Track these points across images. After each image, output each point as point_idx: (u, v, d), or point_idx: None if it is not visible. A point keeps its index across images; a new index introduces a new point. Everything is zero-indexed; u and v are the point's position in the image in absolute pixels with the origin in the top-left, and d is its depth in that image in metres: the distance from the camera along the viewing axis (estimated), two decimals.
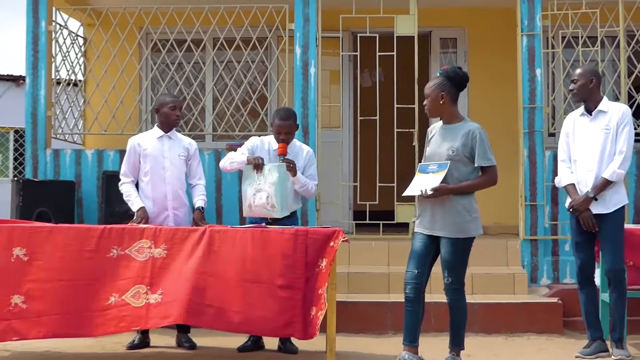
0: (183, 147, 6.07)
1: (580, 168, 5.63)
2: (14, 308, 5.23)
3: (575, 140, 5.71)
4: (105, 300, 5.22)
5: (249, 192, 5.62)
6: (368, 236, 7.59)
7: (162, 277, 5.24)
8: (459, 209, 5.00)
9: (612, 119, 5.56)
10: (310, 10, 7.53)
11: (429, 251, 5.11)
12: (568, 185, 5.70)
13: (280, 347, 5.88)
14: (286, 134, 5.80)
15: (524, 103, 7.34)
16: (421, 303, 5.11)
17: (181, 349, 5.96)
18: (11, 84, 15.77)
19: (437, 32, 9.40)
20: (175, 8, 7.72)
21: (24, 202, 6.91)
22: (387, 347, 5.93)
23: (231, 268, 5.21)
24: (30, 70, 7.79)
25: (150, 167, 5.96)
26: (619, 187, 5.58)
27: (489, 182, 5.09)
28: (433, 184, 4.97)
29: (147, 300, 5.20)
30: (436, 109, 5.14)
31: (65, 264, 5.27)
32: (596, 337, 5.63)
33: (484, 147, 5.02)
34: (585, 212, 5.53)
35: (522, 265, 7.22)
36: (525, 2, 7.39)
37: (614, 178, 5.49)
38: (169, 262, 5.27)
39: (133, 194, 5.94)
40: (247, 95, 8.17)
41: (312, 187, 5.93)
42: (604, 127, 5.56)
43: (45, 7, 7.78)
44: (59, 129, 7.98)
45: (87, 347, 5.96)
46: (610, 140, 5.54)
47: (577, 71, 5.70)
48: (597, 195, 5.50)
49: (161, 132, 6.04)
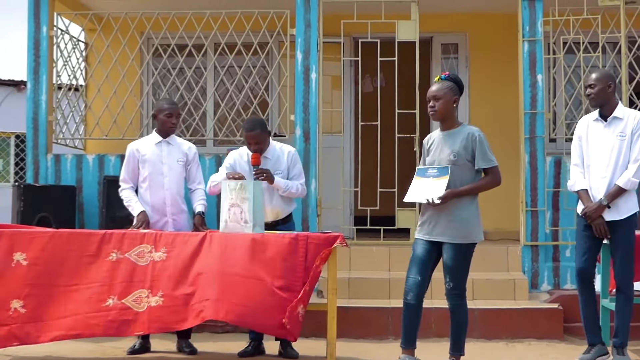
0: (182, 152, 6.04)
1: (594, 174, 5.55)
2: (13, 313, 5.22)
3: (589, 146, 5.62)
4: (103, 302, 5.21)
5: (225, 207, 5.49)
6: (369, 241, 7.59)
7: (162, 279, 5.24)
8: (462, 214, 5.00)
9: (627, 126, 5.47)
10: (311, 16, 7.54)
11: (430, 257, 5.11)
12: (581, 191, 5.61)
13: (280, 352, 5.86)
14: (256, 143, 5.73)
15: (525, 109, 7.34)
16: (420, 308, 5.11)
17: (182, 354, 5.95)
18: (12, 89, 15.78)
19: (438, 37, 9.40)
20: (176, 13, 7.73)
21: (25, 207, 6.91)
22: (387, 352, 5.92)
23: (231, 267, 5.20)
24: (31, 75, 7.80)
25: (149, 173, 5.94)
26: (632, 194, 5.51)
27: (493, 182, 5.09)
28: (438, 191, 4.96)
29: (149, 304, 5.19)
30: (447, 112, 5.12)
31: (65, 270, 5.28)
32: (595, 342, 5.61)
33: (484, 149, 5.01)
34: (598, 220, 5.46)
35: (522, 271, 7.22)
36: (526, 7, 7.40)
37: (629, 186, 5.42)
38: (168, 264, 5.27)
39: (133, 199, 5.93)
40: (248, 100, 8.17)
41: (296, 188, 5.87)
42: (619, 134, 5.47)
43: (47, 12, 7.80)
44: (60, 134, 7.99)
45: (88, 352, 5.95)
46: (625, 147, 5.45)
47: (594, 76, 5.58)
48: (610, 202, 5.44)
49: (159, 137, 6.03)
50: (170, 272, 5.25)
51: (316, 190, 7.42)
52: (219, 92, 8.50)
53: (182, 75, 8.09)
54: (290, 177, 5.88)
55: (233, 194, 5.40)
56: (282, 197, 5.84)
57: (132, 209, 5.91)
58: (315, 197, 7.40)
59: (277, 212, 5.89)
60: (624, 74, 7.37)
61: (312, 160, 7.44)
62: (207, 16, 7.70)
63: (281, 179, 5.79)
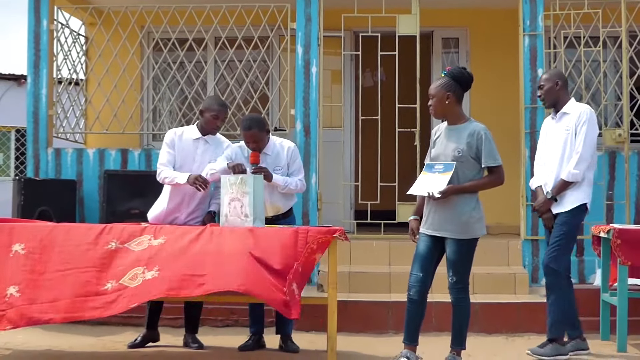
0: (217, 154, 5.86)
1: (548, 170, 5.72)
2: (9, 298, 5.16)
3: (544, 143, 5.84)
4: (101, 286, 5.10)
5: (225, 201, 5.44)
6: (369, 236, 7.59)
7: (159, 257, 5.12)
8: (464, 209, 5.00)
9: (571, 120, 5.61)
10: (312, 10, 7.53)
11: (433, 253, 5.12)
12: (537, 188, 5.79)
13: (281, 346, 5.87)
14: (254, 142, 5.66)
15: (525, 103, 7.34)
16: (424, 304, 5.13)
17: (183, 348, 5.95)
18: (13, 83, 15.75)
19: (439, 31, 9.38)
20: (177, 7, 7.73)
21: (26, 201, 6.91)
22: (388, 346, 5.92)
23: (230, 246, 5.11)
24: (31, 70, 7.80)
25: (178, 167, 5.81)
26: (579, 187, 5.58)
27: (496, 181, 5.10)
28: (440, 185, 4.97)
29: (144, 278, 5.05)
30: (441, 110, 5.13)
31: (62, 257, 5.21)
32: (575, 335, 5.71)
33: (490, 147, 5.01)
34: (547, 213, 5.63)
35: (523, 265, 7.23)
36: (527, 2, 7.39)
37: (570, 178, 5.54)
38: (166, 245, 5.17)
39: (174, 173, 5.71)
40: (248, 94, 8.17)
41: (295, 184, 5.83)
42: (565, 128, 5.63)
43: (47, 6, 7.79)
44: (60, 128, 7.99)
45: (88, 346, 5.96)
46: (570, 141, 5.59)
47: (543, 76, 5.78)
48: (556, 196, 5.57)
49: (199, 134, 5.88)
50: (169, 251, 5.14)
51: (317, 184, 7.42)
52: (219, 86, 8.50)
53: (183, 70, 8.09)
54: (289, 173, 5.87)
55: (233, 188, 5.38)
56: (281, 193, 5.83)
57: (179, 179, 5.67)
58: (316, 192, 7.40)
59: (278, 208, 5.87)
60: (625, 69, 7.37)
61: (312, 155, 7.44)
62: (208, 10, 7.70)
63: (279, 176, 5.75)
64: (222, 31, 7.70)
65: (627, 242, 5.79)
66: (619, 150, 7.35)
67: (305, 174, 6.08)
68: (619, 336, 5.89)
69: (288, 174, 5.85)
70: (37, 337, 6.12)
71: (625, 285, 5.90)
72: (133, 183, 7.20)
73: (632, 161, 7.33)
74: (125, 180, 7.29)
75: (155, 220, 5.82)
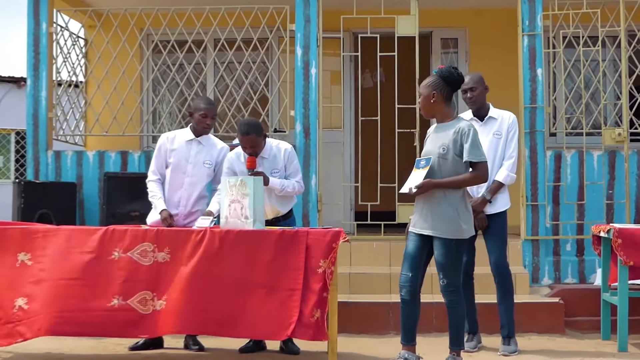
0: (211, 154, 5.90)
1: None
2: (18, 311, 5.24)
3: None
4: (107, 302, 5.22)
5: (225, 203, 5.46)
6: (369, 237, 7.59)
7: (166, 283, 5.25)
8: (447, 207, 4.98)
9: (502, 125, 5.84)
10: (311, 11, 7.54)
11: (422, 252, 5.10)
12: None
13: (282, 348, 5.87)
14: (251, 147, 5.64)
15: (525, 103, 7.34)
16: (417, 304, 5.12)
17: (184, 350, 5.95)
18: (12, 85, 15.77)
19: (438, 32, 9.39)
20: (176, 9, 7.73)
21: (26, 204, 6.92)
22: (388, 347, 5.92)
23: (231, 271, 5.22)
24: (31, 72, 7.81)
25: (172, 168, 5.86)
26: (505, 191, 5.85)
27: (477, 178, 5.05)
28: (417, 180, 5.00)
29: (154, 307, 5.22)
30: (428, 108, 5.14)
31: (66, 265, 5.27)
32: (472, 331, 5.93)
33: (473, 143, 4.97)
34: (481, 214, 5.77)
35: (523, 265, 7.22)
36: (526, 2, 7.39)
37: (507, 181, 5.78)
38: (172, 266, 5.28)
39: (157, 194, 5.83)
40: (248, 96, 8.18)
41: (292, 187, 5.81)
42: (495, 133, 5.84)
43: (46, 8, 7.80)
44: (60, 131, 7.99)
45: (89, 349, 5.96)
46: (502, 145, 5.81)
47: (471, 79, 5.88)
48: (491, 197, 5.75)
49: (192, 135, 5.91)
50: (174, 277, 5.25)
51: (317, 185, 7.42)
52: (218, 88, 8.50)
53: (182, 71, 8.09)
54: (287, 175, 5.86)
55: (233, 190, 5.39)
56: (279, 196, 5.82)
57: (155, 206, 5.83)
58: (316, 193, 7.40)
59: (277, 211, 5.87)
60: (624, 68, 7.37)
61: (312, 156, 7.44)
62: (207, 12, 7.70)
63: (276, 180, 5.74)
64: (222, 33, 7.70)
65: (628, 241, 5.80)
66: (619, 149, 7.35)
67: (305, 175, 6.08)
68: (620, 336, 5.90)
69: (285, 176, 5.84)
70: (37, 340, 6.08)
71: (626, 284, 5.92)
72: (133, 185, 7.18)
73: (632, 160, 7.33)
74: (125, 183, 7.29)
75: (155, 225, 5.81)
